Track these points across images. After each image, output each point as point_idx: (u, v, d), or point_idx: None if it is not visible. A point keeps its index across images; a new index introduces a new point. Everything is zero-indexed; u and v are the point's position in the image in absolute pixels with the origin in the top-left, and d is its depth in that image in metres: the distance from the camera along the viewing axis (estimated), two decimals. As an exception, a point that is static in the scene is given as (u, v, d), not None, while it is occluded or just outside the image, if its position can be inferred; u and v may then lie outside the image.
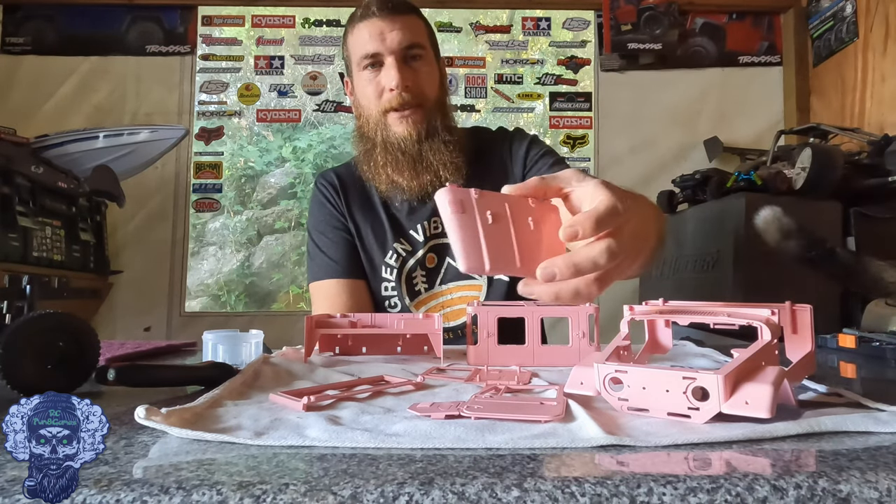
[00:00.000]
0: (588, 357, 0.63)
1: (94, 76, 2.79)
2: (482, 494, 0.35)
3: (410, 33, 1.08)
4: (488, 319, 0.80)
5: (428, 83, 1.12)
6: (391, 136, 1.11)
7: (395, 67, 1.07)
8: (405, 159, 1.11)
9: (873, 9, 2.38)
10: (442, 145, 1.11)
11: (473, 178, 1.16)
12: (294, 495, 0.35)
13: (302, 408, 0.52)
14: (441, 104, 1.15)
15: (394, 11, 1.08)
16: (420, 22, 1.13)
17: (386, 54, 1.07)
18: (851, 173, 1.94)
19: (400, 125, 1.10)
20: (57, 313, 0.62)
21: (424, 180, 1.12)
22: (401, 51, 1.07)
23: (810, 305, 0.59)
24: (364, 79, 1.11)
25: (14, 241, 1.97)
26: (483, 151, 1.20)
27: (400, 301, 1.18)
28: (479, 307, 0.81)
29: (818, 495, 0.36)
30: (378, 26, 1.07)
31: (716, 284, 2.03)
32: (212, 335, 0.82)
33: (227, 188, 2.89)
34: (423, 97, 1.10)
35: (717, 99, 2.88)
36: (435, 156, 1.11)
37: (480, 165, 1.18)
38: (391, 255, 1.17)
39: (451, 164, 1.12)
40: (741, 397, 0.47)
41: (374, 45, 1.07)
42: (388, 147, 1.11)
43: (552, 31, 2.97)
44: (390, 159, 1.11)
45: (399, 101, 1.08)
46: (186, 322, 2.75)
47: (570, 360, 0.77)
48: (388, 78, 1.07)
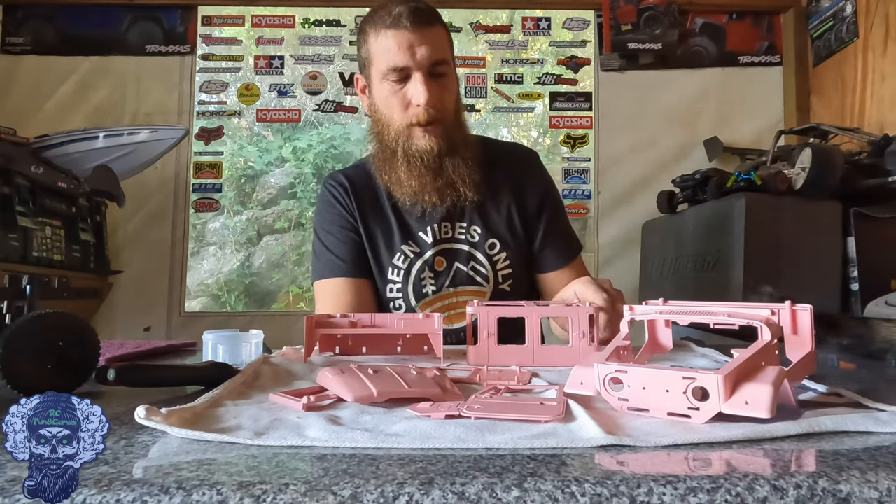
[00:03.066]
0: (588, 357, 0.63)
1: (94, 76, 2.79)
2: (482, 494, 0.35)
3: (439, 49, 1.09)
4: (488, 319, 0.80)
5: (449, 97, 1.13)
6: (413, 149, 1.12)
7: (424, 84, 1.07)
8: (427, 172, 1.13)
9: (873, 9, 2.38)
10: (461, 161, 1.14)
11: (484, 192, 1.18)
12: (294, 495, 0.35)
13: (302, 408, 0.52)
14: (458, 115, 1.17)
15: (424, 24, 1.07)
16: (445, 34, 1.14)
17: (414, 69, 1.07)
18: (851, 173, 1.94)
19: (423, 139, 1.11)
20: (57, 313, 0.62)
21: (445, 194, 1.15)
22: (429, 66, 1.07)
23: (810, 305, 0.59)
24: (387, 89, 1.10)
25: (14, 241, 1.97)
26: (494, 165, 1.22)
27: (405, 303, 1.18)
28: (479, 307, 0.81)
29: (818, 495, 0.36)
30: (408, 39, 1.06)
31: (716, 284, 2.03)
32: (212, 335, 0.82)
33: (227, 188, 2.89)
34: (446, 112, 1.12)
35: (717, 99, 2.87)
36: (455, 171, 1.13)
37: (491, 179, 1.21)
38: (398, 257, 1.18)
39: (470, 179, 1.14)
40: (741, 397, 0.47)
41: (403, 59, 1.06)
42: (409, 159, 1.13)
43: (552, 31, 2.97)
44: (414, 172, 1.13)
45: (426, 117, 1.08)
46: (186, 322, 2.75)
47: (570, 360, 0.77)
48: (417, 94, 1.07)
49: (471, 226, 1.19)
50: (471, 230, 1.19)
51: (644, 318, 0.66)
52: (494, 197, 1.20)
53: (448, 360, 0.82)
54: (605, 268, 2.84)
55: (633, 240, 2.76)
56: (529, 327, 0.80)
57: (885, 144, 1.95)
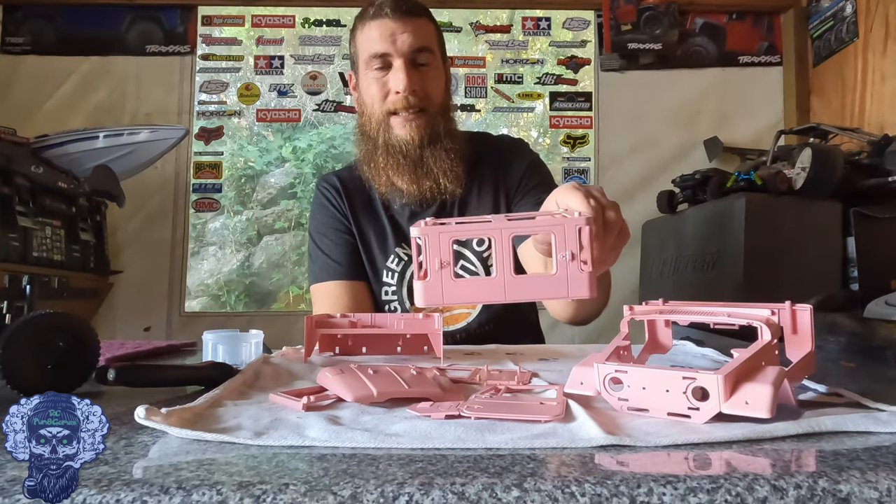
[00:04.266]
0: (579, 286, 0.57)
1: (94, 76, 2.79)
2: (482, 494, 0.35)
3: (421, 37, 1.08)
4: (440, 244, 0.58)
5: (434, 87, 1.12)
6: (393, 139, 1.11)
7: (404, 70, 1.06)
8: (406, 163, 1.11)
9: (873, 9, 2.38)
10: (443, 153, 1.11)
11: (470, 188, 1.16)
12: (294, 495, 0.35)
13: (302, 408, 0.52)
14: (445, 109, 1.15)
15: (406, 14, 1.08)
16: (431, 25, 1.13)
17: (395, 56, 1.07)
18: (851, 173, 1.94)
19: (403, 128, 1.10)
20: (57, 313, 0.62)
21: (424, 186, 1.12)
22: (410, 53, 1.07)
23: (810, 305, 0.59)
24: (370, 78, 1.10)
25: (14, 241, 1.97)
26: (481, 160, 1.20)
27: (400, 306, 1.18)
28: (425, 227, 0.59)
29: (818, 495, 0.36)
30: (389, 27, 1.07)
31: (716, 284, 2.03)
32: (212, 335, 0.82)
33: (227, 188, 2.89)
34: (429, 101, 1.10)
35: (717, 99, 2.87)
36: (436, 162, 1.11)
37: (476, 175, 1.18)
38: (392, 260, 1.18)
39: (452, 172, 1.12)
40: (741, 397, 0.47)
41: (384, 46, 1.07)
42: (389, 149, 1.11)
43: (552, 31, 2.97)
44: (391, 162, 1.11)
45: (404, 104, 1.08)
46: (186, 322, 2.75)
47: (555, 290, 0.58)
48: (396, 80, 1.07)
49: None
50: None
51: (644, 318, 0.66)
52: (480, 193, 1.18)
53: (448, 359, 0.82)
54: (605, 268, 2.83)
55: (632, 240, 2.73)
56: (498, 251, 0.58)
57: (885, 144, 1.95)
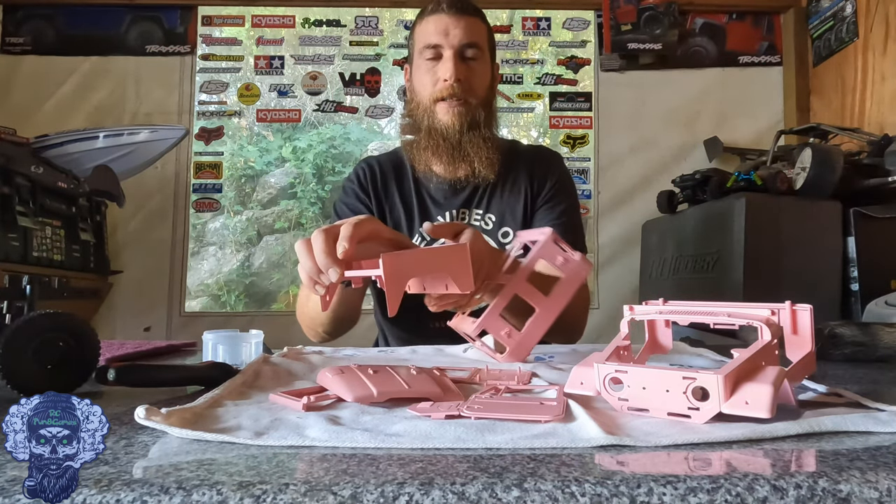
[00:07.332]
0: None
1: (94, 76, 2.79)
2: (482, 494, 0.35)
3: (472, 33, 1.17)
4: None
5: (479, 81, 1.19)
6: (437, 123, 1.17)
7: (452, 61, 1.15)
8: (445, 146, 1.17)
9: (873, 9, 2.38)
10: (481, 140, 1.18)
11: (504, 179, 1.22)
12: (294, 495, 0.35)
13: (302, 408, 0.52)
14: (487, 104, 1.22)
15: (461, 11, 1.17)
16: (483, 25, 1.22)
17: (446, 48, 1.15)
18: (851, 173, 1.94)
19: (446, 114, 1.16)
20: (57, 313, 0.62)
21: (460, 170, 1.19)
22: (460, 47, 1.15)
23: (810, 305, 0.59)
24: (422, 68, 1.19)
25: (14, 241, 1.97)
26: (518, 158, 1.26)
27: None
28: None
29: (818, 495, 0.36)
30: (444, 21, 1.16)
31: (716, 284, 2.03)
32: (212, 335, 0.82)
33: (227, 188, 2.89)
34: (472, 93, 1.18)
35: (717, 99, 2.88)
36: (473, 148, 1.17)
37: (512, 169, 1.24)
38: (416, 239, 1.21)
39: (487, 159, 1.18)
40: (741, 397, 0.47)
41: (437, 38, 1.16)
42: (431, 133, 1.18)
43: (552, 31, 2.97)
44: (431, 144, 1.18)
45: (450, 91, 1.15)
46: (186, 322, 2.75)
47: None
48: (445, 69, 1.15)
49: (486, 213, 1.22)
50: (486, 217, 1.22)
51: (644, 318, 0.66)
52: (512, 186, 1.23)
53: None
54: (605, 268, 2.84)
55: (632, 240, 2.76)
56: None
57: (885, 144, 1.95)
